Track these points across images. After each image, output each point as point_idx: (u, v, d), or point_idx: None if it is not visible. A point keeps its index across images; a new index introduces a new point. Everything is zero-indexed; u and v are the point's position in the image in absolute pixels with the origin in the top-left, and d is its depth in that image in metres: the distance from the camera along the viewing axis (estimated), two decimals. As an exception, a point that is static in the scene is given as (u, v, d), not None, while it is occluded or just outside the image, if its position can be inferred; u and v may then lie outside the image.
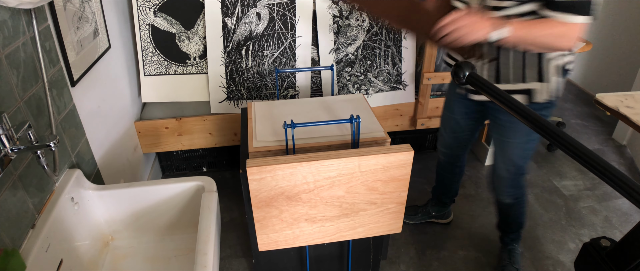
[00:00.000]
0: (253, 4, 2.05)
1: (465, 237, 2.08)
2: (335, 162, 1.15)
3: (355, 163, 1.16)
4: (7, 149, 0.98)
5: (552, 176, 2.50)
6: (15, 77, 1.13)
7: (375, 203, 1.28)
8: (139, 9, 2.03)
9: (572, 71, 3.70)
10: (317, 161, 1.13)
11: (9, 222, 1.06)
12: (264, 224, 1.24)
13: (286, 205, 1.21)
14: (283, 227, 1.27)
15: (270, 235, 1.28)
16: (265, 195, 1.18)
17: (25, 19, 1.18)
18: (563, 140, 0.74)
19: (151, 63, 2.13)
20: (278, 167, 1.12)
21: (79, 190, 1.36)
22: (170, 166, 2.50)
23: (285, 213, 1.23)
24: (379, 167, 1.19)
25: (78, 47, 1.50)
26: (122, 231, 1.48)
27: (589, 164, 0.70)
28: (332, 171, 1.17)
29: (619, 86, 3.20)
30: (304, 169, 1.14)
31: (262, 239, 1.28)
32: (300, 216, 1.25)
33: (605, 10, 3.27)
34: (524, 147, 1.52)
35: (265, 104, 1.56)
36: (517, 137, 1.50)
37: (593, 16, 1.16)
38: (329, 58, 2.16)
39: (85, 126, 1.53)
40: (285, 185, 1.17)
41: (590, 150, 0.71)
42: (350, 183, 1.21)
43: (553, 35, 1.18)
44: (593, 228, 2.13)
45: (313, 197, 1.21)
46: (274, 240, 1.29)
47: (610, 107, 1.06)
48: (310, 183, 1.18)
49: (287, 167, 1.13)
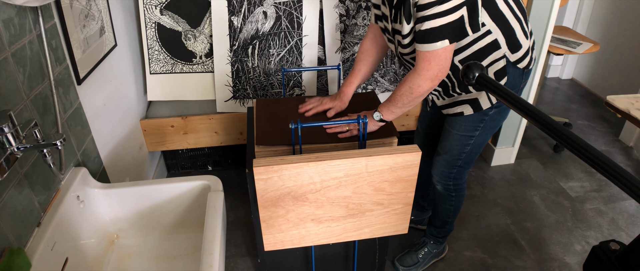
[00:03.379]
0: (260, 2, 2.04)
1: (471, 238, 2.06)
2: (342, 162, 1.14)
3: (362, 163, 1.15)
4: (13, 148, 0.97)
5: (558, 178, 2.49)
6: (22, 75, 1.12)
7: (382, 204, 1.27)
8: (145, 7, 2.03)
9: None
10: (324, 161, 1.13)
11: (15, 220, 1.06)
12: (270, 224, 1.23)
13: (292, 205, 1.20)
14: (289, 227, 1.26)
15: (276, 234, 1.27)
16: (272, 195, 1.17)
17: (32, 17, 1.18)
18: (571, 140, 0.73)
19: (157, 61, 2.13)
20: (285, 167, 1.12)
21: (85, 189, 1.35)
22: (176, 165, 2.50)
23: (291, 213, 1.22)
24: (386, 168, 1.18)
25: (84, 45, 1.50)
26: (128, 230, 1.48)
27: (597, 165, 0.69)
28: (339, 172, 1.16)
29: (626, 87, 3.18)
30: (310, 169, 1.13)
31: (267, 239, 1.27)
32: (306, 216, 1.24)
33: (613, 10, 3.25)
34: (466, 142, 1.54)
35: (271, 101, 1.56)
36: (461, 130, 1.52)
37: (447, 41, 1.19)
38: (336, 57, 2.15)
39: (91, 124, 1.53)
40: (292, 185, 1.16)
41: (597, 150, 0.70)
42: (357, 183, 1.20)
43: (409, 91, 1.29)
44: (599, 229, 2.11)
45: (320, 197, 1.20)
46: (280, 239, 1.28)
47: (621, 109, 1.05)
48: (317, 183, 1.17)
49: (294, 167, 1.12)
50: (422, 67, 1.24)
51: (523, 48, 1.33)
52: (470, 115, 1.46)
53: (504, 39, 1.28)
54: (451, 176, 1.65)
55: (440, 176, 1.66)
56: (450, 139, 1.55)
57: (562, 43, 2.68)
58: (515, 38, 1.30)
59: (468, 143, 1.53)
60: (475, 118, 1.46)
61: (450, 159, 1.59)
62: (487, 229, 2.12)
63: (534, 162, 2.63)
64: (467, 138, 1.52)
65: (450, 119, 1.54)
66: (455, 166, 1.61)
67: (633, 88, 3.07)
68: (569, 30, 2.92)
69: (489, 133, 1.53)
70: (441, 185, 1.69)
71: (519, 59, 1.34)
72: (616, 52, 3.26)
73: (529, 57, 1.37)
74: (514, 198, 2.33)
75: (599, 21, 3.41)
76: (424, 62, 1.23)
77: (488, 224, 2.15)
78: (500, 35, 1.27)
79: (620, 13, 3.18)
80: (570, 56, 3.70)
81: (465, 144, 1.53)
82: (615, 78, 3.31)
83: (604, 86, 3.44)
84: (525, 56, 1.35)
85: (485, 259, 1.96)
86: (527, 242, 2.04)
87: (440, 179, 1.67)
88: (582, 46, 2.63)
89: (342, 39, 2.14)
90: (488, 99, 1.41)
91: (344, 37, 2.14)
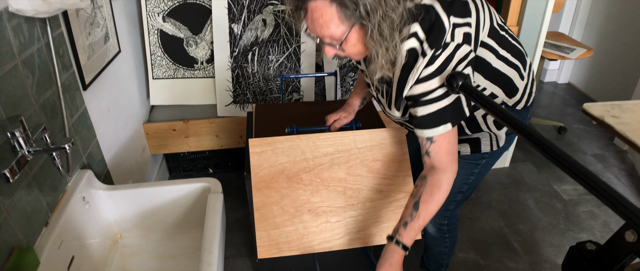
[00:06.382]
0: (259, 10, 2.10)
1: (464, 240, 2.11)
2: (331, 136, 1.21)
3: (350, 137, 1.21)
4: (24, 151, 1.03)
5: (552, 181, 2.53)
6: (31, 81, 1.18)
7: (382, 192, 1.24)
8: (148, 14, 2.09)
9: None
10: (314, 135, 1.20)
11: (24, 220, 1.11)
12: (263, 214, 1.17)
13: (287, 188, 1.18)
14: (284, 220, 1.19)
15: (271, 232, 1.19)
16: (266, 173, 1.17)
17: (40, 26, 1.24)
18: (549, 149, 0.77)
19: (159, 67, 2.19)
20: (278, 140, 1.19)
21: (90, 190, 1.41)
22: (177, 167, 2.55)
23: (286, 199, 1.18)
24: (374, 143, 1.22)
25: (90, 52, 1.56)
26: (131, 230, 1.53)
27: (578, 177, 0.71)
28: (329, 147, 1.21)
29: (620, 91, 3.23)
30: (302, 143, 1.19)
31: (261, 238, 1.17)
32: (302, 204, 1.20)
33: (608, 16, 3.30)
34: (464, 181, 1.42)
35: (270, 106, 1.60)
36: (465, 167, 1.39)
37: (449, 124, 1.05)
38: (333, 63, 2.21)
39: (96, 128, 1.58)
40: (285, 162, 1.19)
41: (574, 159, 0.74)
42: (349, 162, 1.22)
43: (432, 200, 1.09)
44: (591, 232, 2.16)
45: (314, 178, 1.20)
46: (275, 239, 1.20)
47: (596, 116, 1.10)
48: (309, 159, 1.19)
49: (286, 140, 1.19)
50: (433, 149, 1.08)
51: (520, 91, 1.23)
52: (468, 155, 1.34)
53: (501, 90, 1.18)
54: (446, 216, 1.52)
55: (435, 216, 1.53)
56: None
57: (556, 49, 2.73)
58: (513, 85, 1.20)
59: (467, 182, 1.41)
60: (475, 158, 1.35)
61: (449, 197, 1.43)
62: (480, 231, 2.17)
63: (528, 165, 2.68)
64: (466, 177, 1.40)
65: None
66: (453, 201, 1.48)
67: (628, 91, 3.11)
68: (563, 36, 2.97)
69: (490, 168, 1.41)
70: (434, 227, 1.56)
71: (517, 101, 1.25)
72: (612, 57, 3.31)
73: (526, 96, 1.27)
74: (507, 201, 2.38)
75: (595, 27, 3.46)
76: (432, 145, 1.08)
77: (482, 227, 2.20)
78: (496, 88, 1.17)
79: (616, 19, 3.24)
80: (567, 61, 3.75)
81: (464, 182, 1.41)
82: (611, 82, 3.36)
83: (600, 90, 3.49)
84: (523, 97, 1.26)
85: (478, 260, 2.00)
86: (520, 244, 2.09)
87: (434, 220, 1.54)
88: (576, 52, 2.68)
89: (339, 46, 2.19)
90: (489, 144, 1.30)
91: (341, 44, 2.19)
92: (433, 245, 1.62)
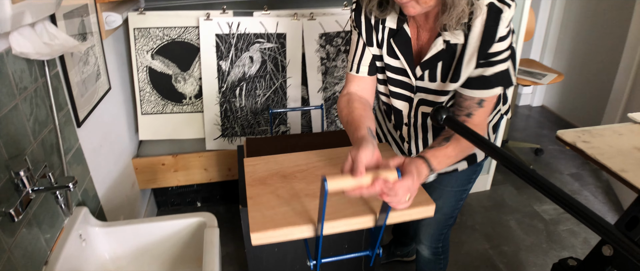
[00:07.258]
0: (246, 48, 2.17)
1: (452, 264, 2.16)
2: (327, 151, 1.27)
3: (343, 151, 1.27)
4: (28, 190, 1.05)
5: (532, 201, 2.62)
6: (30, 120, 1.21)
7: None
8: (137, 52, 2.14)
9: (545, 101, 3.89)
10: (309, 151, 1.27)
11: (25, 259, 1.12)
12: (257, 201, 1.06)
13: (281, 182, 1.14)
14: (280, 203, 1.06)
15: (265, 212, 1.02)
16: (260, 175, 1.16)
17: (38, 65, 1.28)
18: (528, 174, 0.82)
19: (148, 102, 2.22)
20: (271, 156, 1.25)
21: (86, 227, 1.42)
22: (166, 202, 2.56)
23: (281, 190, 1.11)
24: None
25: (83, 90, 1.59)
26: (127, 267, 1.54)
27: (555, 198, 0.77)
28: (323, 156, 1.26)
29: (592, 114, 3.38)
30: (296, 156, 1.25)
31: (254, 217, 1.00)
32: (298, 191, 1.10)
33: (577, 42, 3.49)
34: (460, 197, 1.46)
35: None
36: (456, 185, 1.43)
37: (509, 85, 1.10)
38: (318, 97, 2.28)
39: (89, 164, 1.60)
40: (280, 168, 1.21)
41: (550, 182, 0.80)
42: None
43: (463, 151, 1.09)
44: (573, 249, 2.24)
45: (309, 175, 1.17)
46: (270, 217, 1.00)
47: (568, 142, 1.18)
48: (302, 165, 1.22)
49: (279, 156, 1.25)
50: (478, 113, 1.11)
51: (508, 99, 1.32)
52: (465, 169, 1.38)
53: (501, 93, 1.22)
54: (441, 238, 1.55)
55: (431, 239, 1.55)
56: (445, 198, 1.44)
57: (529, 75, 2.87)
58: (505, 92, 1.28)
59: (462, 198, 1.46)
60: (470, 171, 1.39)
61: (443, 219, 1.49)
62: (467, 255, 2.23)
63: (508, 188, 2.77)
64: (462, 193, 1.44)
65: (443, 178, 1.42)
66: (447, 225, 1.52)
67: (599, 113, 3.26)
68: (535, 63, 3.12)
69: (474, 182, 1.47)
70: (429, 250, 1.58)
71: (506, 110, 1.33)
72: (582, 80, 3.48)
73: (507, 104, 1.35)
74: (491, 223, 2.45)
75: (564, 53, 3.64)
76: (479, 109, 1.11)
77: (467, 250, 2.25)
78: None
79: (584, 45, 3.42)
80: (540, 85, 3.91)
81: (459, 199, 1.45)
82: (582, 104, 3.52)
83: (573, 111, 3.65)
84: (505, 104, 1.34)
85: (467, 282, 2.05)
86: (505, 265, 2.15)
87: (430, 244, 1.56)
88: (547, 77, 2.82)
89: (323, 80, 2.28)
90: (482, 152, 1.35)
91: (325, 78, 2.28)
92: (427, 269, 1.66)
